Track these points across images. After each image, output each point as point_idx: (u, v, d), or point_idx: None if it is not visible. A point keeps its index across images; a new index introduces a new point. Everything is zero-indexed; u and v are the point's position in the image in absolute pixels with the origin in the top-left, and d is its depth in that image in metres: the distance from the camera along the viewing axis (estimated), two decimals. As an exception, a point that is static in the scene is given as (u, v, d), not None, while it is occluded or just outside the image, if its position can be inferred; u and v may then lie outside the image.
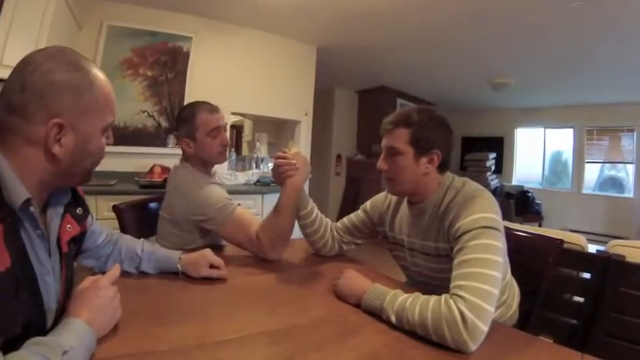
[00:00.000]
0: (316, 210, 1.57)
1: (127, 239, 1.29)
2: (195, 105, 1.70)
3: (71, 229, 0.89)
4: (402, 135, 1.25)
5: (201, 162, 1.69)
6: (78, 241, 0.99)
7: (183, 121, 1.68)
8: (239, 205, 1.57)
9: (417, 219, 1.33)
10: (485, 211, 1.09)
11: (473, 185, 1.24)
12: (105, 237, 1.21)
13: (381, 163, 1.32)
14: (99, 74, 0.83)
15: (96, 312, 0.78)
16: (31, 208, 0.72)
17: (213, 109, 1.70)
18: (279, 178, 1.46)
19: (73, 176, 0.84)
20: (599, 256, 1.62)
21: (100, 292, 0.82)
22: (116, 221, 1.79)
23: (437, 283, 1.24)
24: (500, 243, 1.04)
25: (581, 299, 1.68)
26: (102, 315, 0.79)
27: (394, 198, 1.51)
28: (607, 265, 1.57)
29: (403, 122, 1.26)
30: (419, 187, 1.29)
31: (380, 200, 1.57)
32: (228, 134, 4.03)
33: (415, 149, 1.23)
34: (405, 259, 1.42)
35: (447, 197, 1.23)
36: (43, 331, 0.73)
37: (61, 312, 0.82)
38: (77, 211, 0.94)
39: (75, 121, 0.77)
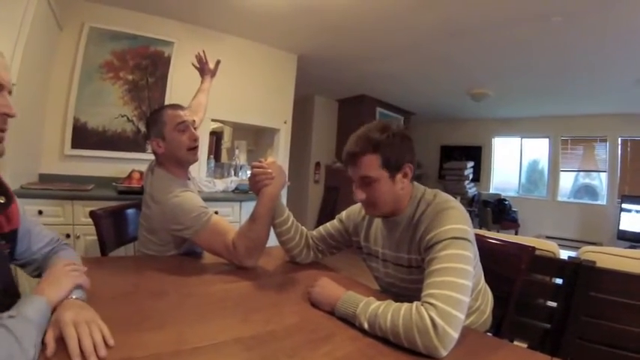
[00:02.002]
0: (292, 218, 1.58)
1: (59, 257, 1.07)
2: (160, 107, 1.77)
3: None
4: (372, 161, 1.22)
5: (174, 162, 1.69)
6: (8, 238, 0.93)
7: (151, 122, 1.71)
8: (216, 212, 1.57)
9: (391, 231, 1.35)
10: (456, 222, 1.12)
11: (444, 197, 1.26)
12: (45, 245, 1.08)
13: (358, 194, 1.28)
14: None
15: (46, 284, 0.83)
16: None
17: (177, 106, 1.74)
18: (255, 186, 1.47)
19: None
20: (570, 262, 1.66)
21: (53, 268, 0.89)
22: (93, 227, 1.77)
23: (409, 294, 1.24)
24: (471, 253, 1.06)
25: (554, 304, 1.72)
26: (52, 285, 0.84)
27: None
28: (577, 271, 1.61)
29: (370, 149, 1.22)
30: (397, 203, 1.29)
31: (355, 211, 1.57)
32: (206, 140, 3.99)
33: (389, 171, 1.22)
34: (378, 269, 1.44)
35: (419, 210, 1.26)
36: None
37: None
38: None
39: None
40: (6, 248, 0.92)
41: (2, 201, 0.91)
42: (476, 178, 8.03)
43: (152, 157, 1.78)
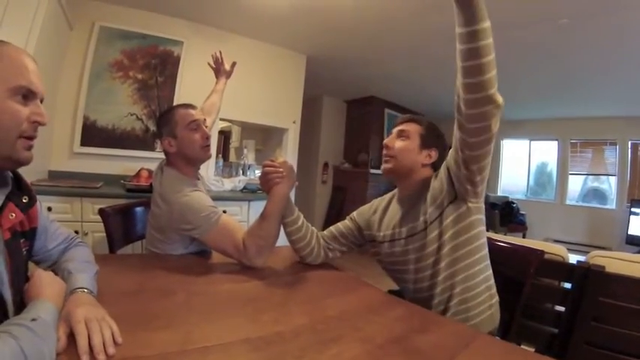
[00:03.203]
0: (302, 217, 1.59)
1: (73, 253, 1.11)
2: (172, 106, 1.78)
3: (14, 217, 0.86)
4: (415, 127, 1.52)
5: (185, 160, 1.69)
6: (28, 236, 0.95)
7: (163, 122, 1.72)
8: (224, 212, 1.57)
9: (408, 206, 1.49)
10: None
11: None
12: (60, 242, 1.11)
13: (389, 140, 1.53)
14: (11, 46, 0.83)
15: (46, 289, 0.82)
16: None
17: (188, 105, 1.75)
18: (266, 185, 1.48)
19: None
20: (579, 267, 1.65)
21: (40, 276, 0.87)
22: (101, 224, 1.78)
23: (423, 271, 1.39)
24: None
25: (561, 308, 1.71)
26: (52, 290, 0.84)
27: (382, 205, 1.62)
28: (586, 276, 1.60)
29: (417, 120, 1.55)
30: (412, 173, 1.49)
31: (366, 208, 1.68)
32: (215, 140, 4.01)
33: (421, 141, 1.49)
34: (394, 254, 1.50)
35: (433, 177, 1.45)
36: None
37: (20, 305, 0.82)
38: (23, 199, 0.91)
39: None
40: (25, 246, 0.94)
41: (26, 201, 0.91)
42: (483, 180, 7.96)
43: (161, 155, 1.78)
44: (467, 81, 1.10)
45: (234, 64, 2.49)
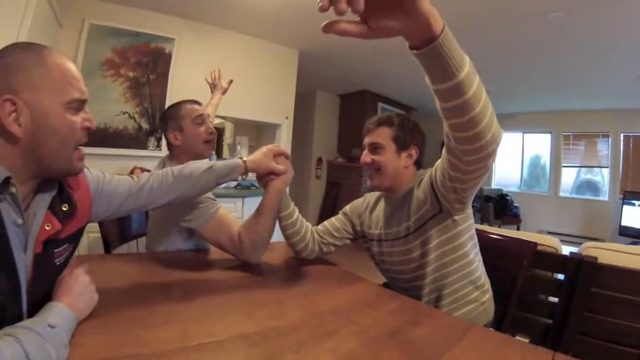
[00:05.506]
0: (297, 212, 1.60)
1: (155, 176, 1.20)
2: (179, 101, 1.80)
3: (49, 227, 0.81)
4: (385, 132, 1.44)
5: (189, 154, 1.71)
6: (59, 244, 0.87)
7: (170, 116, 1.74)
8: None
9: (391, 207, 1.49)
10: None
11: None
12: (123, 199, 1.11)
13: (364, 158, 1.48)
14: (55, 52, 0.83)
15: (75, 297, 0.83)
16: (12, 189, 0.71)
17: (194, 101, 1.80)
18: (262, 180, 1.48)
19: (45, 160, 0.80)
20: (572, 258, 1.66)
21: (77, 279, 0.88)
22: (96, 225, 1.77)
23: (409, 273, 1.41)
24: None
25: (555, 300, 1.72)
26: (81, 299, 0.85)
27: (372, 199, 1.65)
28: (579, 267, 1.62)
29: (385, 122, 1.46)
30: (398, 179, 1.46)
31: (358, 203, 1.70)
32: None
33: (396, 145, 1.43)
34: (382, 253, 1.52)
35: (416, 184, 1.40)
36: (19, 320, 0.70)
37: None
38: (62, 207, 0.86)
39: (29, 98, 0.75)
40: (67, 251, 0.92)
41: (65, 209, 0.87)
42: (477, 174, 7.99)
43: (154, 153, 1.79)
44: (459, 135, 0.96)
45: (230, 82, 2.56)
